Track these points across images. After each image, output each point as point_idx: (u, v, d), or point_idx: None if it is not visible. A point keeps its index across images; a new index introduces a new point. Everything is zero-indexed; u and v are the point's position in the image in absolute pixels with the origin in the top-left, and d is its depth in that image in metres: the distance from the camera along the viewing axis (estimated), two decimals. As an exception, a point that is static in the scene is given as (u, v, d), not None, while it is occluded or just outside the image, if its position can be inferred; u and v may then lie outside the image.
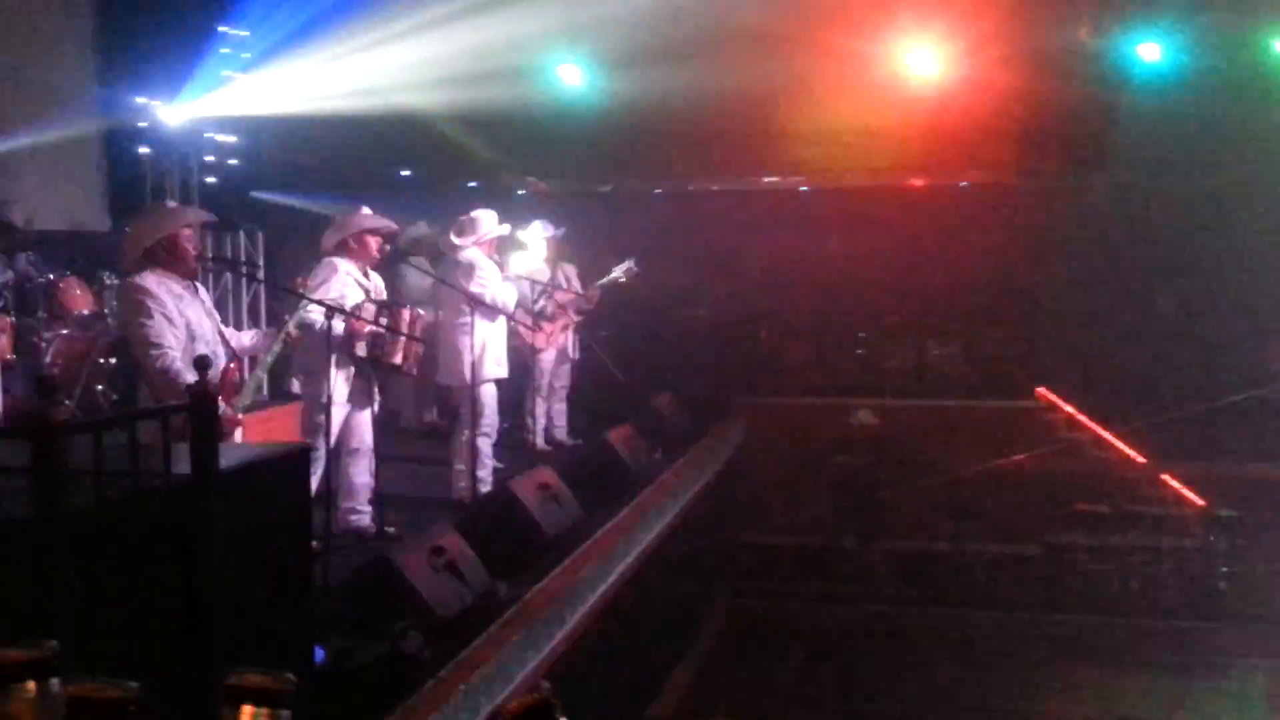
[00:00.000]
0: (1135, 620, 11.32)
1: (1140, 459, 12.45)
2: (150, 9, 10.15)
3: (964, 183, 14.78)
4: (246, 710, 1.59)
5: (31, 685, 1.54)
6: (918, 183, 14.87)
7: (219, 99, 10.40)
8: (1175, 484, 12.23)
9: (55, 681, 1.56)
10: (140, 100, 10.44)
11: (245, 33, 10.38)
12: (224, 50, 10.35)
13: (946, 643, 11.19)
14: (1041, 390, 13.13)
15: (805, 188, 15.34)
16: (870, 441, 12.81)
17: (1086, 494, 12.38)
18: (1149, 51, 10.41)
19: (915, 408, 13.29)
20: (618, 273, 9.23)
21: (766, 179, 15.28)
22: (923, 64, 10.52)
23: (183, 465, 3.25)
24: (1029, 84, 10.40)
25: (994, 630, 11.44)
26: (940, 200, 14.65)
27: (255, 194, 12.00)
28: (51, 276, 7.97)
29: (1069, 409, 12.92)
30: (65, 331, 7.63)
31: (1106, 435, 12.64)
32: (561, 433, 9.32)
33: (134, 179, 10.46)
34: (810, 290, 14.63)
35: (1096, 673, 10.70)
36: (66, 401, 6.72)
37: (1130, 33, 10.42)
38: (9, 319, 7.43)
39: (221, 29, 10.31)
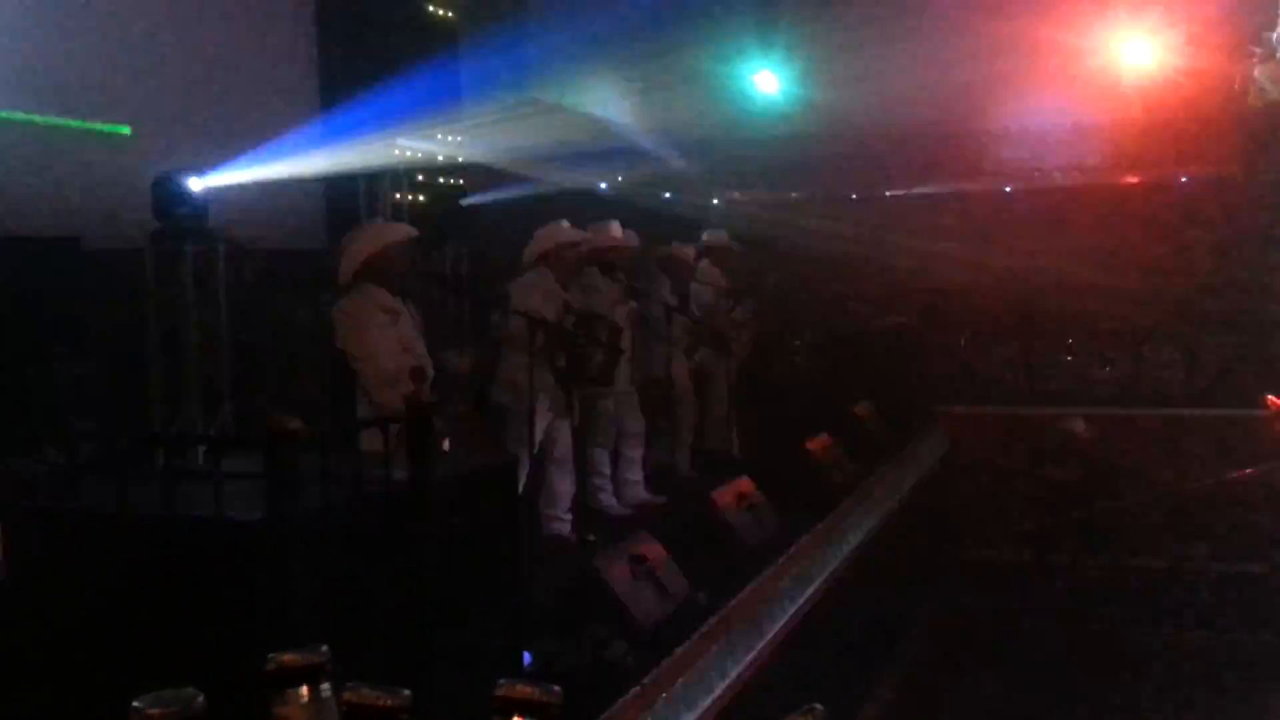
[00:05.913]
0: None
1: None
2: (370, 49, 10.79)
3: (1183, 178, 13.97)
4: None
5: (305, 690, 1.54)
6: (1131, 180, 14.15)
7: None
8: None
9: (326, 687, 1.56)
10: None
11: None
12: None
13: (1164, 664, 10.54)
14: (1272, 398, 12.25)
15: (1010, 189, 14.81)
16: (1081, 453, 12.22)
17: (1323, 510, 11.48)
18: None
19: (1130, 417, 12.61)
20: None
21: (970, 182, 14.83)
22: (1137, 55, 10.05)
23: (401, 473, 3.39)
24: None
25: (1217, 653, 10.70)
26: (1156, 198, 13.87)
27: (464, 201, 12.40)
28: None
29: (1303, 418, 12.01)
30: (289, 346, 8.09)
31: (1346, 446, 11.68)
32: None
33: (349, 197, 11.00)
34: (1016, 295, 14.10)
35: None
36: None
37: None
38: (237, 337, 7.94)
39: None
